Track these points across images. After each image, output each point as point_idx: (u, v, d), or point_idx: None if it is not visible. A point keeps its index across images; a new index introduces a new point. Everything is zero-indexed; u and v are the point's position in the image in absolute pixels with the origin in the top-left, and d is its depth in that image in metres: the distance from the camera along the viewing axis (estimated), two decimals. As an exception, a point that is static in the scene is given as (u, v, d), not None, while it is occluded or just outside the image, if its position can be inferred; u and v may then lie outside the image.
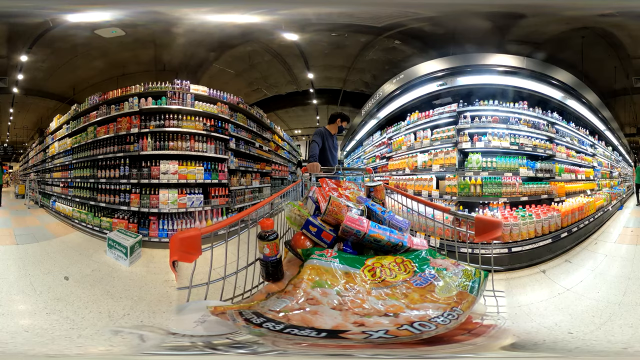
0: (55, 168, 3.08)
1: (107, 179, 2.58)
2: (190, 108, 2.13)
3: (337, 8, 1.88)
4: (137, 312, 2.05)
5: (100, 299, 2.17)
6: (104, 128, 2.58)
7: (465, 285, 1.39)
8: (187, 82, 2.16)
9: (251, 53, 1.97)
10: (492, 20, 2.06)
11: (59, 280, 2.29)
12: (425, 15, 1.94)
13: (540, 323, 1.95)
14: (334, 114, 2.50)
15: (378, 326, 1.19)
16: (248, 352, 1.39)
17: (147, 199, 2.28)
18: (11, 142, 2.88)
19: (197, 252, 1.35)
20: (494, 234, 1.64)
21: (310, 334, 1.19)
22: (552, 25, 2.16)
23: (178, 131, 2.17)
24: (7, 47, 2.20)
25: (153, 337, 1.56)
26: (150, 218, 2.28)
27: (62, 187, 2.93)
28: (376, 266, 1.47)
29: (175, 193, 2.17)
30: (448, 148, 2.33)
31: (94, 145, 2.68)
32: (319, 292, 1.33)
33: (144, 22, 1.96)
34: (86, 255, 2.53)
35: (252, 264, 1.60)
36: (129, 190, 2.39)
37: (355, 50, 1.91)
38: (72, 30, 2.09)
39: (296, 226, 1.72)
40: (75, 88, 2.60)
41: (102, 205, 2.56)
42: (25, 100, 2.50)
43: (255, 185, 2.23)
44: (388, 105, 2.36)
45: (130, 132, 2.38)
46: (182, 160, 2.24)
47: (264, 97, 2.10)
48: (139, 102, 2.30)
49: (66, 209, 2.81)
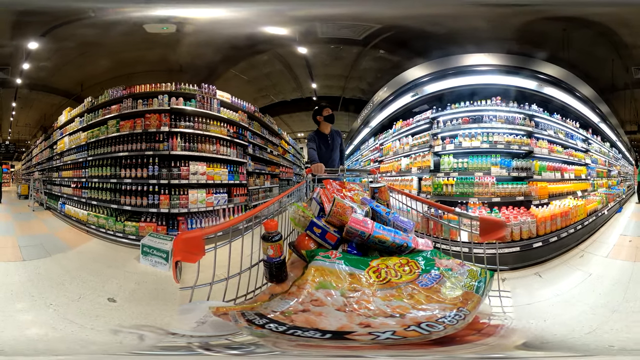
0: (65, 166, 2.78)
1: (132, 179, 2.34)
2: (216, 114, 2.24)
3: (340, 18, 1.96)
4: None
5: (174, 314, 1.70)
6: (130, 123, 2.35)
7: (471, 286, 1.38)
8: (213, 87, 2.22)
9: (266, 62, 2.08)
10: (466, 21, 2.08)
11: (101, 305, 1.77)
12: (405, 24, 2.01)
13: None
14: (312, 114, 2.38)
15: (385, 327, 1.18)
16: (248, 353, 1.38)
17: (177, 199, 2.26)
18: (13, 140, 2.64)
19: (201, 252, 1.34)
20: (498, 234, 1.63)
21: (314, 335, 1.18)
22: (531, 21, 2.10)
23: (207, 135, 2.26)
24: (12, 35, 2.06)
25: (153, 337, 1.54)
26: (178, 219, 2.26)
27: (74, 188, 2.65)
28: (381, 267, 1.45)
29: (204, 193, 2.25)
30: (424, 152, 2.46)
31: (116, 141, 2.43)
32: (324, 294, 1.32)
33: (177, 22, 1.96)
34: (117, 267, 2.08)
35: (255, 265, 1.59)
36: (157, 191, 2.28)
37: (350, 61, 2.05)
38: (103, 24, 2.01)
39: (300, 227, 1.71)
40: (83, 84, 2.43)
41: (127, 209, 2.34)
42: (29, 95, 2.36)
43: (267, 185, 2.42)
44: (380, 113, 2.45)
45: (161, 130, 2.30)
46: (209, 162, 2.31)
47: (271, 103, 2.25)
48: (169, 100, 2.26)
49: (79, 212, 2.51)
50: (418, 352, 1.19)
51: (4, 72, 2.22)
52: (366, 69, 2.12)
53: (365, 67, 2.09)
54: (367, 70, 2.11)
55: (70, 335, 1.58)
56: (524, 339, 1.40)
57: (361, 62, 2.06)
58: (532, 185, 2.59)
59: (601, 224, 2.66)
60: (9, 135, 2.61)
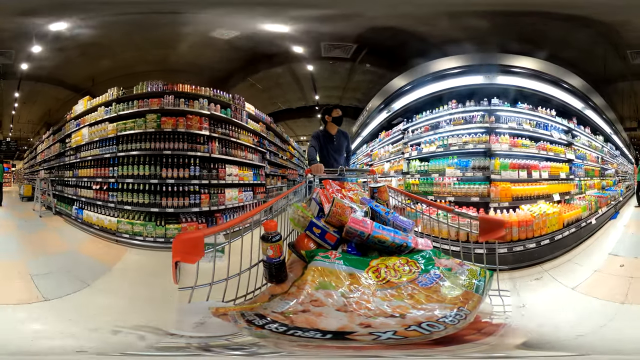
0: (83, 163, 2.41)
1: (175, 180, 2.27)
2: (245, 124, 2.45)
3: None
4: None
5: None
6: (172, 120, 2.28)
7: (471, 285, 1.37)
8: (242, 98, 2.40)
9: (280, 74, 2.25)
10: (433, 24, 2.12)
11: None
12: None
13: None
14: (321, 113, 2.45)
15: (385, 327, 1.18)
16: (247, 354, 1.38)
17: (215, 197, 2.35)
18: (14, 138, 2.39)
19: (200, 253, 1.34)
20: (497, 233, 1.63)
21: (315, 335, 1.18)
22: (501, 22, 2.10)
23: (239, 142, 2.44)
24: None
25: (152, 337, 1.53)
26: (215, 215, 2.35)
27: (96, 190, 2.32)
28: (381, 267, 1.45)
29: (236, 191, 2.42)
30: (399, 158, 2.72)
31: (156, 137, 2.28)
32: (323, 294, 1.32)
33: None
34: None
35: (255, 266, 1.58)
36: (198, 191, 2.31)
37: (345, 75, 2.23)
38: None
39: (300, 228, 1.71)
40: (94, 79, 2.30)
41: (170, 211, 2.25)
42: (34, 88, 2.16)
43: (278, 185, 2.70)
44: (370, 123, 2.65)
45: (202, 132, 2.34)
46: (239, 166, 2.51)
47: (278, 109, 2.45)
48: (209, 105, 2.35)
49: (104, 219, 2.18)
50: (419, 352, 1.19)
51: (5, 56, 1.98)
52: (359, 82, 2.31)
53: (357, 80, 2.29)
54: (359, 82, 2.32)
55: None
56: (527, 338, 1.39)
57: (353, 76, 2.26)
58: (494, 186, 2.43)
59: (586, 237, 2.17)
60: (10, 132, 2.39)
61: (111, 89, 2.36)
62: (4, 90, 2.18)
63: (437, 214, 1.89)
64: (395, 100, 2.51)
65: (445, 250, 1.69)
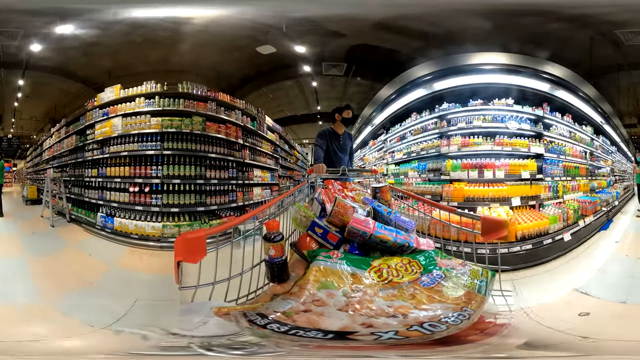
0: (115, 160, 2.16)
1: (218, 180, 2.49)
2: (266, 135, 2.82)
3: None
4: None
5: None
6: (215, 126, 2.46)
7: (473, 285, 1.37)
8: (263, 111, 2.72)
9: (291, 85, 2.50)
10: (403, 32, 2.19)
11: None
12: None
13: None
14: (332, 111, 2.58)
15: (387, 327, 1.18)
16: (249, 354, 1.38)
17: (247, 194, 2.70)
18: (16, 135, 2.16)
19: (202, 253, 1.34)
20: (500, 233, 1.63)
21: (317, 335, 1.18)
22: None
23: (262, 150, 2.83)
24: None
25: (154, 337, 1.54)
26: (246, 209, 2.68)
27: (134, 193, 2.06)
28: (383, 267, 1.45)
29: (260, 189, 2.84)
30: (382, 163, 3.10)
31: (203, 140, 2.36)
32: (325, 294, 1.32)
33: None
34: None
35: (257, 266, 1.58)
36: (234, 189, 2.62)
37: (341, 87, 2.48)
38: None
39: (302, 228, 1.71)
40: (110, 73, 2.22)
41: (213, 209, 2.43)
42: (39, 79, 1.94)
43: (287, 184, 3.11)
44: (364, 130, 2.97)
45: (238, 141, 2.63)
46: (261, 169, 2.91)
47: (284, 116, 2.75)
48: (242, 117, 2.64)
49: (145, 226, 1.91)
50: (421, 351, 1.19)
51: (8, 37, 1.66)
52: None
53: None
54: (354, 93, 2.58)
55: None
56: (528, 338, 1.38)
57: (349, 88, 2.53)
58: (447, 186, 2.45)
59: (533, 262, 1.62)
60: (12, 127, 2.15)
61: (147, 82, 2.26)
62: (6, 84, 1.97)
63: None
64: (384, 109, 2.80)
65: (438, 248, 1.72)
